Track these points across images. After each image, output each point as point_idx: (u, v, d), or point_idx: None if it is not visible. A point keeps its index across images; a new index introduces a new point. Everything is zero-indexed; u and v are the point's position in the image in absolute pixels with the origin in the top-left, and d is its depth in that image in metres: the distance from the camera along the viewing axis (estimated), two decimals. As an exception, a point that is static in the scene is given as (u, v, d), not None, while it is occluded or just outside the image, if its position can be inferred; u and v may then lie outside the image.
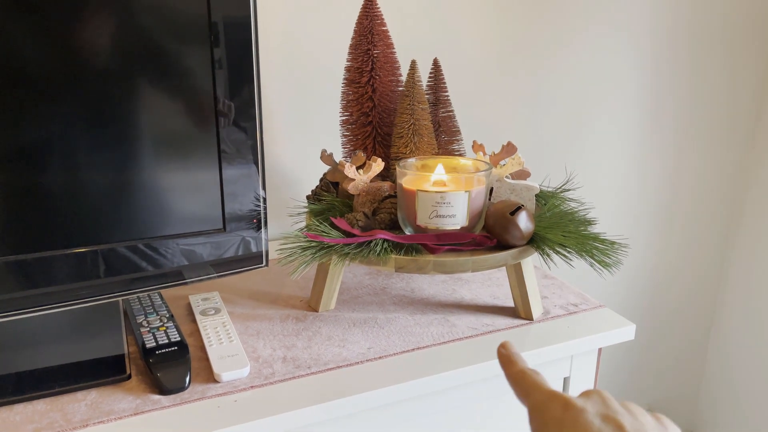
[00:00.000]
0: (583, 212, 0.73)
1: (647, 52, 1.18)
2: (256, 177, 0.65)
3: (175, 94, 0.59)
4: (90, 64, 0.55)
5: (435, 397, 0.65)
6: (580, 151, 1.20)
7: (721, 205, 1.40)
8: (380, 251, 0.63)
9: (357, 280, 0.82)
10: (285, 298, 0.77)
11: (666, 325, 1.45)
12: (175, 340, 0.62)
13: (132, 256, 0.61)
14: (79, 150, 0.56)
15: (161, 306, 0.69)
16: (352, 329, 0.70)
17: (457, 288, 0.80)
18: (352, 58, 0.76)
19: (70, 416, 0.55)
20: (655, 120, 1.25)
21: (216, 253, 0.65)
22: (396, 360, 0.64)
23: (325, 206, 0.74)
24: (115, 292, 0.62)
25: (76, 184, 0.57)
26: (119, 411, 0.55)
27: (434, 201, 0.65)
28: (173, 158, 0.60)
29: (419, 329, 0.70)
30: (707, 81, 1.27)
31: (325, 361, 0.63)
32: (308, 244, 0.64)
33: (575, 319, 0.73)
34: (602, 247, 0.67)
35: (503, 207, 0.66)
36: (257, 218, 0.66)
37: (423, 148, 0.75)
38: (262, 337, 0.68)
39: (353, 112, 0.78)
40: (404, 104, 0.74)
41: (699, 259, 1.43)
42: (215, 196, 0.64)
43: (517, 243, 0.66)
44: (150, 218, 0.61)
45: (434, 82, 0.80)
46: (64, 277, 0.59)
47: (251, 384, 0.59)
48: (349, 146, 0.80)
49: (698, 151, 1.32)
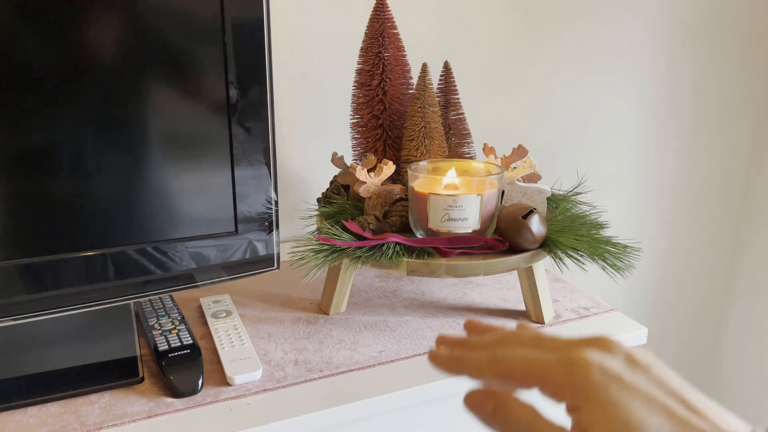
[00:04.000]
0: (595, 216, 0.73)
1: (658, 56, 1.18)
2: (268, 179, 0.65)
3: (188, 96, 0.59)
4: (100, 65, 0.55)
5: (448, 401, 0.64)
6: (592, 154, 1.19)
7: (731, 208, 1.39)
8: (392, 254, 0.63)
9: (367, 283, 0.82)
10: (295, 300, 0.77)
11: (674, 329, 1.45)
12: (187, 342, 0.62)
13: (143, 259, 0.61)
14: (90, 153, 0.57)
15: (173, 309, 0.69)
16: (363, 332, 0.69)
17: (467, 291, 0.80)
18: (363, 60, 0.76)
19: (84, 419, 0.55)
20: (665, 123, 1.24)
21: (227, 256, 0.65)
22: (408, 363, 0.64)
23: (336, 209, 0.74)
24: (127, 295, 0.62)
25: (88, 187, 0.57)
26: (133, 414, 0.55)
27: (446, 204, 0.65)
28: (186, 161, 0.60)
29: (430, 332, 0.70)
30: (716, 84, 1.26)
31: (337, 365, 0.63)
32: (320, 247, 0.64)
33: (587, 322, 0.72)
34: (614, 251, 0.67)
35: (515, 210, 0.66)
36: (269, 221, 0.66)
37: (434, 151, 0.75)
38: (273, 339, 0.68)
39: (364, 114, 0.78)
40: (415, 107, 0.74)
41: (708, 262, 1.42)
42: (227, 199, 0.64)
43: (530, 246, 0.65)
44: (162, 221, 0.61)
45: (445, 84, 0.80)
46: (76, 280, 0.59)
47: (264, 387, 0.59)
48: (360, 149, 0.79)
49: (708, 154, 1.31)
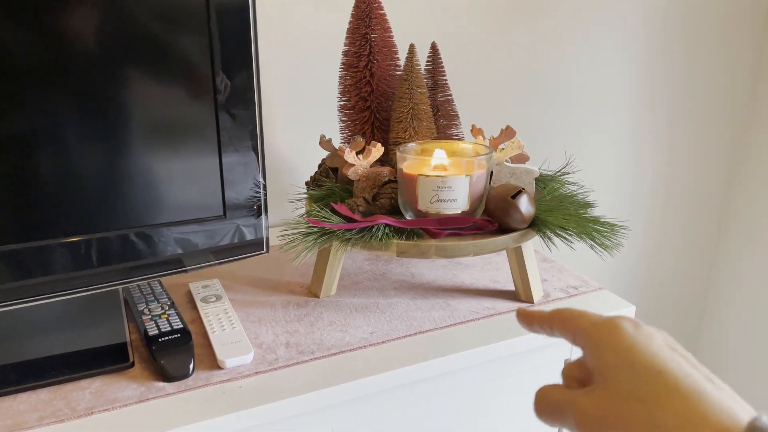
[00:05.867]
0: (583, 195, 0.73)
1: (648, 34, 1.18)
2: (256, 163, 0.64)
3: (173, 81, 0.58)
4: (83, 49, 0.54)
5: (437, 381, 0.65)
6: (579, 134, 1.20)
7: (717, 186, 1.41)
8: (382, 236, 0.63)
9: (357, 266, 0.82)
10: (285, 284, 0.77)
11: (660, 307, 1.47)
12: (177, 327, 0.62)
13: (131, 244, 0.61)
14: (76, 138, 0.56)
15: (162, 294, 0.69)
16: (354, 314, 0.70)
17: (457, 272, 0.80)
18: (350, 42, 0.76)
19: (75, 404, 0.55)
20: (652, 102, 1.25)
21: (216, 240, 0.65)
22: (398, 344, 0.64)
23: (324, 192, 0.74)
24: (115, 280, 0.62)
25: (74, 172, 0.56)
26: (124, 399, 0.55)
27: (435, 185, 0.65)
28: (172, 145, 0.60)
29: (420, 314, 0.70)
30: (702, 63, 1.27)
31: (328, 346, 0.63)
32: (310, 229, 0.64)
33: (575, 301, 0.73)
34: (602, 229, 0.67)
35: (504, 191, 0.66)
36: (257, 204, 0.66)
37: (422, 132, 0.74)
38: (264, 323, 0.68)
39: (351, 97, 0.77)
40: (403, 89, 0.74)
41: (693, 243, 1.44)
42: (215, 183, 0.63)
43: (519, 226, 0.66)
44: (149, 206, 0.61)
45: (432, 66, 0.80)
46: (63, 266, 0.59)
47: (255, 370, 0.59)
48: (348, 131, 0.79)
49: (694, 133, 1.32)
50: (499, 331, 0.66)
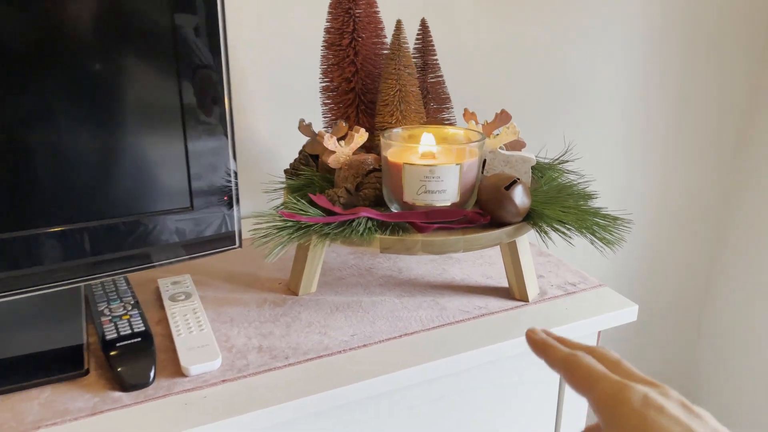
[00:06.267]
0: (583, 185, 0.68)
1: (647, 18, 1.12)
2: (226, 148, 0.59)
3: (134, 58, 0.53)
4: (34, 30, 0.48)
5: (424, 387, 0.60)
6: (579, 119, 1.14)
7: (722, 175, 1.35)
8: (363, 231, 0.58)
9: (341, 260, 0.77)
10: (262, 280, 0.71)
11: (659, 306, 1.42)
12: (138, 330, 0.57)
13: (92, 238, 0.55)
14: (23, 124, 0.50)
15: (126, 292, 0.64)
16: (335, 314, 0.64)
17: (447, 267, 0.75)
18: (332, 17, 0.70)
19: (22, 416, 0.49)
20: (654, 86, 1.19)
21: (184, 234, 0.59)
22: (381, 348, 0.59)
23: (303, 181, 0.68)
24: (75, 277, 0.57)
25: (26, 161, 0.51)
26: (75, 411, 0.50)
27: (422, 175, 0.59)
28: (134, 130, 0.54)
29: (407, 313, 0.65)
30: (706, 46, 1.21)
31: (305, 351, 0.58)
32: (284, 223, 0.58)
33: (574, 299, 0.68)
34: (604, 223, 0.62)
35: (497, 181, 0.60)
36: (228, 194, 0.60)
37: (410, 116, 0.69)
38: (236, 324, 0.62)
39: (334, 77, 0.71)
40: (389, 69, 0.68)
41: (694, 239, 1.39)
42: (181, 171, 0.58)
43: (513, 220, 0.60)
44: (110, 196, 0.55)
45: (422, 44, 0.74)
46: (18, 262, 0.53)
47: (223, 378, 0.54)
48: (330, 115, 0.73)
49: (697, 121, 1.27)
50: (491, 334, 0.61)
